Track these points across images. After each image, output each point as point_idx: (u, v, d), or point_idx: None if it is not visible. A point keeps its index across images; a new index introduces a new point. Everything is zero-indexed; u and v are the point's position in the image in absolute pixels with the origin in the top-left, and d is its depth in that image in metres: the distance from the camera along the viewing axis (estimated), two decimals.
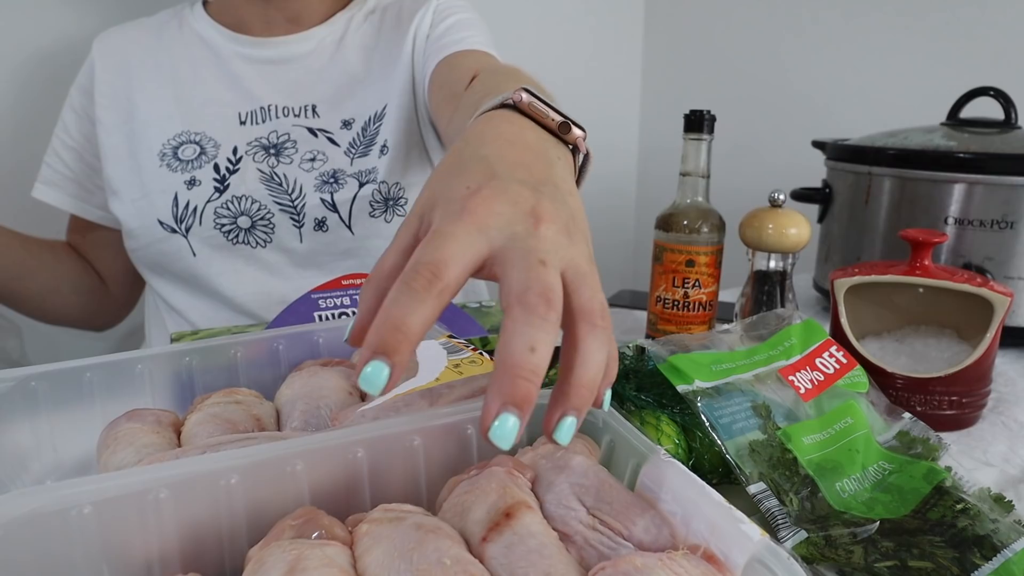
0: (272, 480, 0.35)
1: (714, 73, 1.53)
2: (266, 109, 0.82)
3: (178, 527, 0.33)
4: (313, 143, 0.81)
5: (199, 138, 0.81)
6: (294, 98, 0.83)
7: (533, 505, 0.34)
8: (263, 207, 0.79)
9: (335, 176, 0.80)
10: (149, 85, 0.83)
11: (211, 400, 0.47)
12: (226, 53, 0.84)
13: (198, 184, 0.79)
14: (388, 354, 0.27)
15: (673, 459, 0.35)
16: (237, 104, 0.82)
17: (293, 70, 0.84)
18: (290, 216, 0.80)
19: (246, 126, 0.82)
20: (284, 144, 0.81)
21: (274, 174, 0.80)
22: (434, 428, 0.39)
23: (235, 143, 0.81)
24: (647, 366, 0.54)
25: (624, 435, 0.38)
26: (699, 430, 0.49)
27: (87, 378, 0.48)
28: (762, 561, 0.29)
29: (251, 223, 0.79)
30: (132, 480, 0.32)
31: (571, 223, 0.32)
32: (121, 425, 0.44)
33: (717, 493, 0.32)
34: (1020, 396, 0.68)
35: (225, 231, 0.79)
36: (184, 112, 0.82)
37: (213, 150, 0.80)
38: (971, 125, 0.84)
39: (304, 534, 0.31)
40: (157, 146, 0.80)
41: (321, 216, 0.80)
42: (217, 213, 0.78)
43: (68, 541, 0.30)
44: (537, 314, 0.28)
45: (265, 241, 0.80)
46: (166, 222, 0.79)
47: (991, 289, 0.60)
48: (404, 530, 0.31)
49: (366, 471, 0.37)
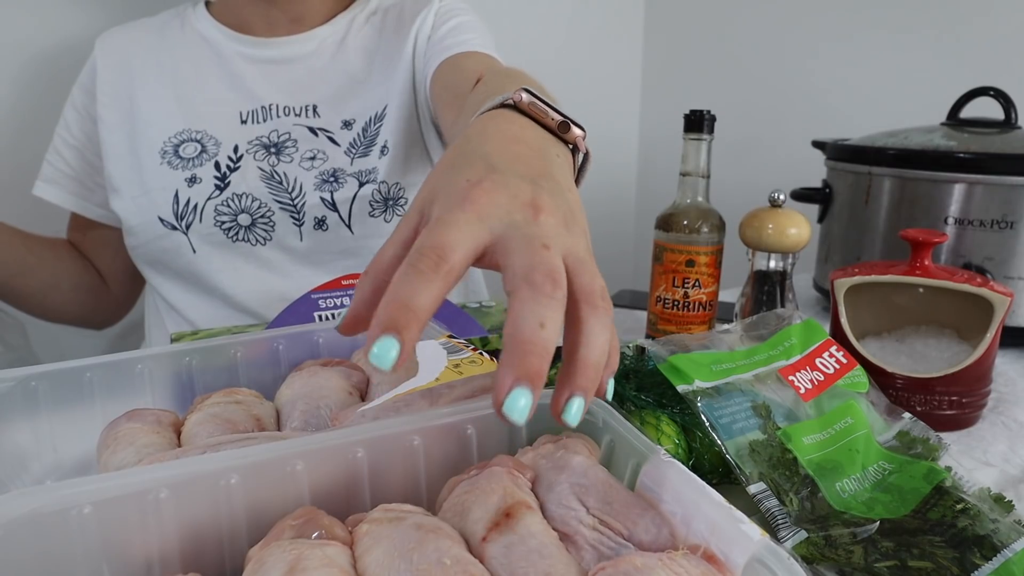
0: (272, 480, 0.35)
1: (714, 73, 1.53)
2: (267, 108, 0.83)
3: (178, 527, 0.33)
4: (314, 142, 0.82)
5: (200, 136, 0.81)
6: (295, 98, 0.83)
7: (533, 505, 0.34)
8: (263, 205, 0.79)
9: (335, 175, 0.80)
10: (151, 84, 0.83)
11: (211, 400, 0.47)
12: (228, 53, 0.84)
13: (199, 181, 0.79)
14: (398, 331, 0.27)
15: (673, 459, 0.35)
16: (239, 103, 0.83)
17: (294, 70, 0.84)
18: (290, 214, 0.80)
19: (247, 125, 0.82)
20: (285, 143, 0.81)
21: (274, 172, 0.80)
22: (434, 428, 0.39)
23: (236, 141, 0.81)
24: (647, 366, 0.54)
25: (624, 435, 0.38)
26: (699, 430, 0.49)
27: (87, 378, 0.48)
28: (762, 561, 0.29)
29: (251, 220, 0.80)
30: (132, 480, 0.32)
31: (569, 216, 0.33)
32: (121, 425, 0.44)
33: (717, 493, 0.32)
34: (1020, 396, 0.68)
35: (225, 228, 0.79)
36: (185, 111, 0.82)
37: (214, 148, 0.80)
38: (971, 125, 0.84)
39: (304, 534, 0.31)
40: (158, 144, 0.81)
41: (321, 215, 0.80)
42: (217, 210, 0.79)
43: (68, 541, 0.30)
44: (544, 292, 0.28)
45: (265, 239, 0.80)
46: (166, 219, 0.79)
47: (991, 289, 0.60)
48: (404, 530, 0.31)
49: (366, 471, 0.37)
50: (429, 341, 0.49)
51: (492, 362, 0.46)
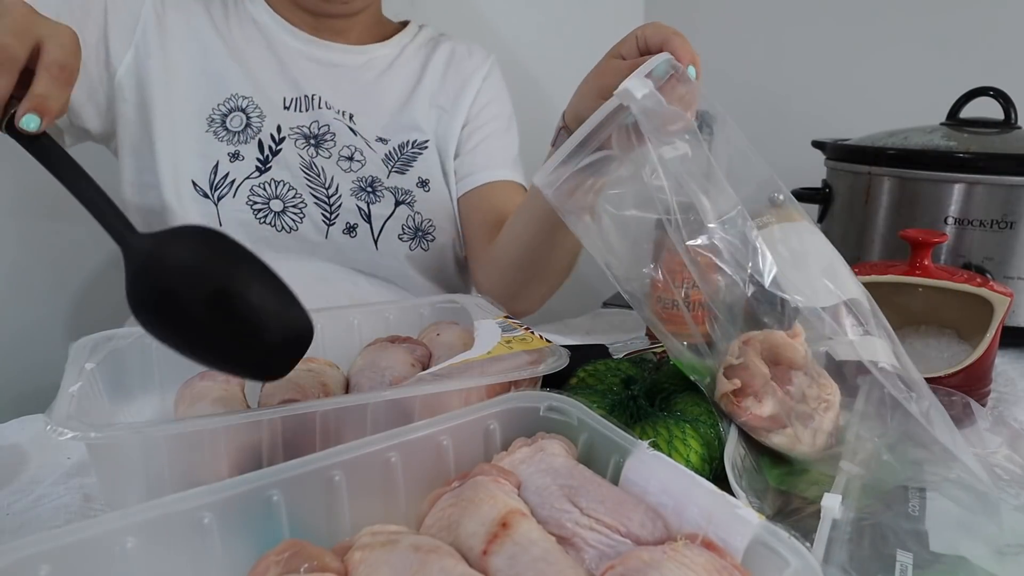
0: (247, 514, 0.33)
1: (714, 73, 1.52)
2: (309, 98, 0.83)
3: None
4: (352, 139, 0.82)
5: (247, 104, 0.79)
6: (336, 99, 0.84)
7: (526, 511, 0.34)
8: (298, 195, 0.79)
9: (372, 185, 0.82)
10: (207, 39, 0.80)
11: None
12: (276, 39, 0.83)
13: (241, 159, 0.78)
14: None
15: (658, 452, 0.35)
16: (283, 88, 0.82)
17: (340, 75, 0.85)
18: (322, 211, 0.80)
19: (289, 111, 0.82)
20: (324, 135, 0.82)
21: (312, 164, 0.80)
22: (409, 443, 0.38)
23: (279, 122, 0.80)
24: (667, 361, 0.54)
25: (602, 432, 0.38)
26: (720, 440, 0.48)
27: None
28: (764, 543, 0.29)
29: (283, 207, 0.79)
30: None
31: None
32: (195, 383, 0.49)
33: (708, 482, 0.32)
34: (1020, 396, 0.68)
35: (256, 210, 0.78)
36: (237, 74, 0.80)
37: (259, 122, 0.79)
38: (971, 125, 0.84)
39: (292, 569, 0.29)
40: (206, 109, 0.78)
41: (354, 222, 0.81)
42: (253, 191, 0.77)
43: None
44: None
45: (291, 228, 0.79)
46: (200, 184, 0.77)
47: (991, 289, 0.60)
48: (401, 553, 0.30)
49: (345, 494, 0.36)
50: (487, 320, 0.55)
51: (540, 340, 0.52)
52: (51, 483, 0.49)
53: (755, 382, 0.44)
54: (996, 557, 0.37)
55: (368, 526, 0.33)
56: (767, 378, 0.45)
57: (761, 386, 0.44)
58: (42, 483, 0.49)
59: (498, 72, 0.95)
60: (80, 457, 0.53)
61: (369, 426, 0.43)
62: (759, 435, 0.45)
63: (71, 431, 0.37)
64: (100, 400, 0.48)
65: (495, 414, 0.42)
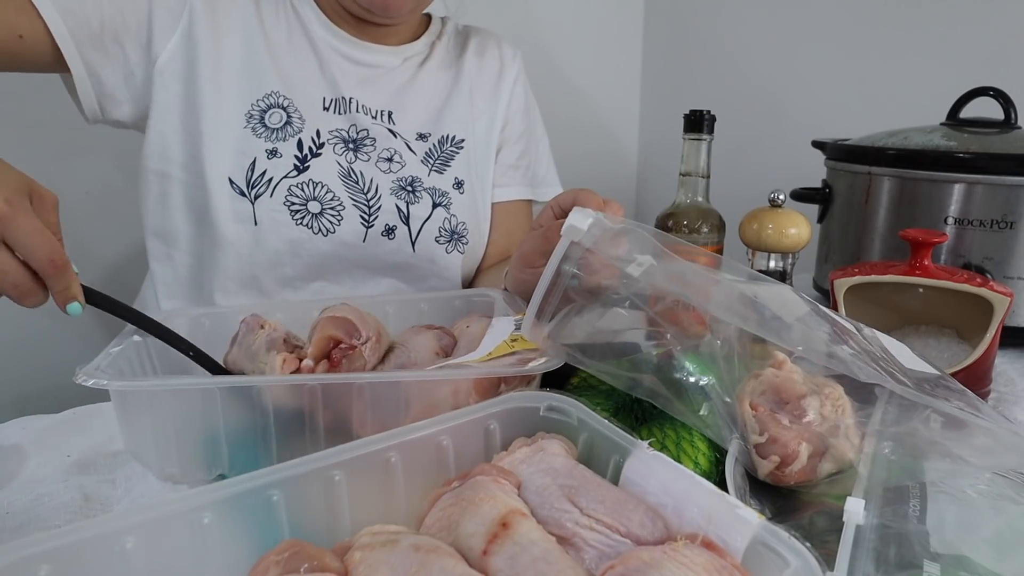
0: (247, 514, 0.33)
1: (714, 73, 1.52)
2: (347, 100, 0.83)
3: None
4: (391, 141, 0.83)
5: (287, 103, 0.78)
6: (374, 100, 0.84)
7: (526, 511, 0.34)
8: (336, 198, 0.78)
9: (412, 185, 0.82)
10: (251, 32, 0.79)
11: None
12: (318, 37, 0.83)
13: (279, 156, 0.76)
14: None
15: (659, 453, 0.35)
16: (323, 88, 0.82)
17: (377, 75, 0.85)
18: (360, 214, 0.79)
19: (329, 113, 0.81)
20: (363, 140, 0.82)
21: (351, 170, 0.80)
22: (409, 443, 0.38)
23: (319, 126, 0.80)
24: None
25: (602, 431, 0.39)
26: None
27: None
28: (764, 543, 0.29)
29: (321, 209, 0.78)
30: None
31: None
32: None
33: (708, 482, 0.32)
34: (1020, 396, 0.67)
35: (293, 210, 0.77)
36: (277, 73, 0.79)
37: (299, 122, 0.79)
38: (971, 125, 0.84)
39: (292, 569, 0.29)
40: (246, 104, 0.77)
41: (392, 224, 0.80)
42: (291, 191, 0.76)
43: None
44: None
45: (328, 231, 0.78)
46: (236, 182, 0.75)
47: (991, 289, 0.60)
48: (401, 553, 0.30)
49: (346, 494, 0.36)
50: (506, 316, 0.59)
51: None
52: (51, 483, 0.49)
53: (788, 448, 0.43)
54: (997, 556, 0.37)
55: (368, 526, 0.33)
56: (794, 433, 0.44)
57: (795, 447, 0.43)
58: (42, 483, 0.49)
59: (524, 71, 0.96)
60: (80, 456, 0.53)
61: (354, 399, 0.47)
62: (815, 476, 0.45)
63: (92, 379, 0.44)
64: (143, 365, 0.54)
65: (495, 414, 0.42)
